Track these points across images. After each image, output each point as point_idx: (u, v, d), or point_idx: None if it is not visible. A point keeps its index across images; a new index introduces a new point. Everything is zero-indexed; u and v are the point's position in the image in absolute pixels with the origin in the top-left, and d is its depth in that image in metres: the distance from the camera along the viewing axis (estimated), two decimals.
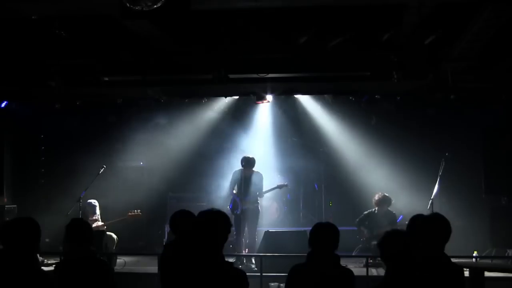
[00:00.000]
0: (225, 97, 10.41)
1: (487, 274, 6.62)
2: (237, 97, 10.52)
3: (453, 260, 3.90)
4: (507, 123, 9.66)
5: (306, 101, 10.93)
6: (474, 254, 8.47)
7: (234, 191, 9.38)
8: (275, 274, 7.67)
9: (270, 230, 8.94)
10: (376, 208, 9.37)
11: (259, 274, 7.46)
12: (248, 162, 9.25)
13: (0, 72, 8.82)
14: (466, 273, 6.17)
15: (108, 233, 9.09)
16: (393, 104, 10.14)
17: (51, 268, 6.58)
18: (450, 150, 9.35)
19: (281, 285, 7.62)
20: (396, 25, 7.06)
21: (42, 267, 6.75)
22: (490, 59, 8.12)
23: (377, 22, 7.25)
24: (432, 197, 8.84)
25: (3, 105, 10.16)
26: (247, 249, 9.25)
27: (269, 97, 9.93)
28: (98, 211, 9.61)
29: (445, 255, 3.79)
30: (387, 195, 9.39)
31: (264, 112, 11.16)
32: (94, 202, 9.61)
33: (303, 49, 7.78)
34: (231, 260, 7.32)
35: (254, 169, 9.31)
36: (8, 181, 10.59)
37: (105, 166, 9.77)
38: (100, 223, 9.46)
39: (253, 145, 10.76)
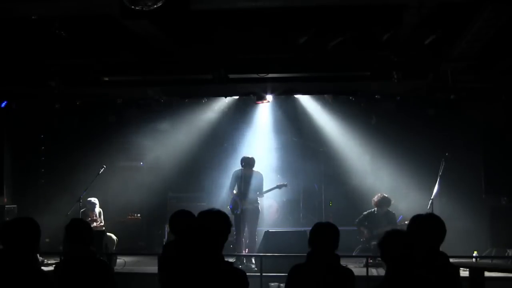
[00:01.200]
0: (225, 97, 10.41)
1: (487, 274, 6.59)
2: (237, 97, 10.52)
3: (453, 260, 3.90)
4: (507, 123, 9.65)
5: (306, 101, 10.93)
6: (474, 254, 8.47)
7: (234, 191, 9.37)
8: (275, 274, 7.67)
9: (270, 230, 8.93)
10: (376, 209, 9.37)
11: (259, 274, 7.45)
12: (248, 162, 9.25)
13: (0, 72, 8.83)
14: (466, 273, 6.19)
15: (108, 233, 9.09)
16: (393, 104, 10.14)
17: (51, 268, 6.57)
18: (450, 150, 9.34)
19: (281, 285, 7.62)
20: (396, 25, 7.06)
21: (42, 267, 6.78)
22: (490, 59, 8.13)
23: (377, 22, 7.25)
24: (432, 197, 8.83)
25: (3, 105, 10.15)
26: (247, 249, 9.24)
27: (269, 97, 9.94)
28: (97, 209, 9.64)
29: (443, 255, 3.77)
30: (386, 196, 9.38)
31: (264, 112, 11.15)
32: (94, 200, 9.65)
33: (303, 49, 7.78)
34: (231, 260, 7.34)
35: (254, 169, 9.31)
36: (8, 181, 10.59)
37: (105, 166, 9.77)
38: (99, 223, 9.47)
39: (253, 145, 10.76)
